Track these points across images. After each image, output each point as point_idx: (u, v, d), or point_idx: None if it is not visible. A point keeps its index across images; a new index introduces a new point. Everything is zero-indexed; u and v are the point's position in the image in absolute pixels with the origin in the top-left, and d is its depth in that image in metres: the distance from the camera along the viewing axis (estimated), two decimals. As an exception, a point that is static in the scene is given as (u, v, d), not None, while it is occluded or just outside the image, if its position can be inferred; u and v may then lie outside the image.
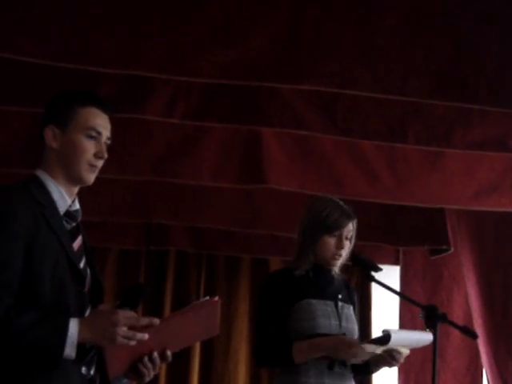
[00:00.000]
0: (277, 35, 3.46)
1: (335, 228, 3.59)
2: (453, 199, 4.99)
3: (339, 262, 3.68)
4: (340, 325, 3.61)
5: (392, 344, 3.44)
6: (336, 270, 3.72)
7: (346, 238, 3.62)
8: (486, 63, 3.52)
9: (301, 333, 3.54)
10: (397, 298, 5.68)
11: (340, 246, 3.61)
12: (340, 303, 3.67)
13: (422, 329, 3.51)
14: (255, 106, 4.09)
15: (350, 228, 3.63)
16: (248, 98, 4.03)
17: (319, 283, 3.66)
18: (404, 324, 5.99)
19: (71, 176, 2.55)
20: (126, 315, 2.34)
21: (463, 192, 4.91)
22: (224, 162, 4.72)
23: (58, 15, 3.33)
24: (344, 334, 3.58)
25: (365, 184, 4.89)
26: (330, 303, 3.64)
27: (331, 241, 3.61)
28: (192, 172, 4.76)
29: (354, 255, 3.65)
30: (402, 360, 3.56)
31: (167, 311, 6.40)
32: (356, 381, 3.68)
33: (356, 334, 3.69)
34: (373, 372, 3.81)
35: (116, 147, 4.07)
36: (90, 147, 2.55)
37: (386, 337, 3.43)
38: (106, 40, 3.39)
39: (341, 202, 3.67)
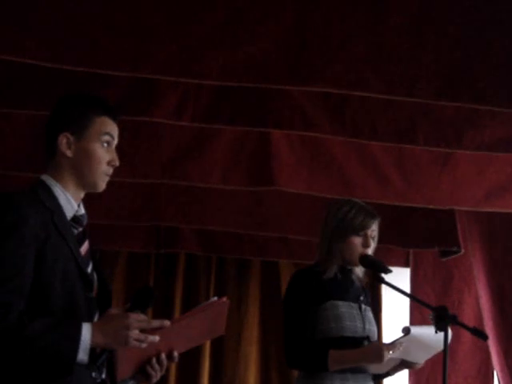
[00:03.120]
0: (285, 36, 3.45)
1: (362, 228, 3.69)
2: (463, 200, 4.97)
3: None
4: (364, 327, 3.68)
5: (412, 336, 3.45)
6: (360, 274, 3.76)
7: (371, 237, 3.71)
8: (495, 64, 3.51)
9: (326, 334, 3.59)
10: (407, 300, 5.66)
11: (366, 245, 3.69)
12: (363, 306, 3.74)
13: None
14: (264, 107, 4.09)
15: (374, 227, 3.73)
16: (257, 100, 4.03)
17: (343, 285, 3.71)
18: (414, 326, 5.97)
19: (85, 183, 2.56)
20: (137, 318, 2.35)
21: (473, 193, 4.89)
22: (233, 164, 4.71)
23: (65, 17, 3.32)
24: (367, 337, 3.66)
25: (374, 186, 4.88)
26: (355, 305, 3.70)
27: (358, 240, 3.68)
28: (201, 174, 4.75)
29: (363, 257, 3.67)
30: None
31: (176, 315, 6.36)
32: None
33: (376, 337, 3.76)
34: (391, 375, 3.82)
35: (126, 150, 4.15)
36: (104, 156, 2.57)
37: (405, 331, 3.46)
38: (114, 42, 3.38)
39: (363, 203, 3.78)
